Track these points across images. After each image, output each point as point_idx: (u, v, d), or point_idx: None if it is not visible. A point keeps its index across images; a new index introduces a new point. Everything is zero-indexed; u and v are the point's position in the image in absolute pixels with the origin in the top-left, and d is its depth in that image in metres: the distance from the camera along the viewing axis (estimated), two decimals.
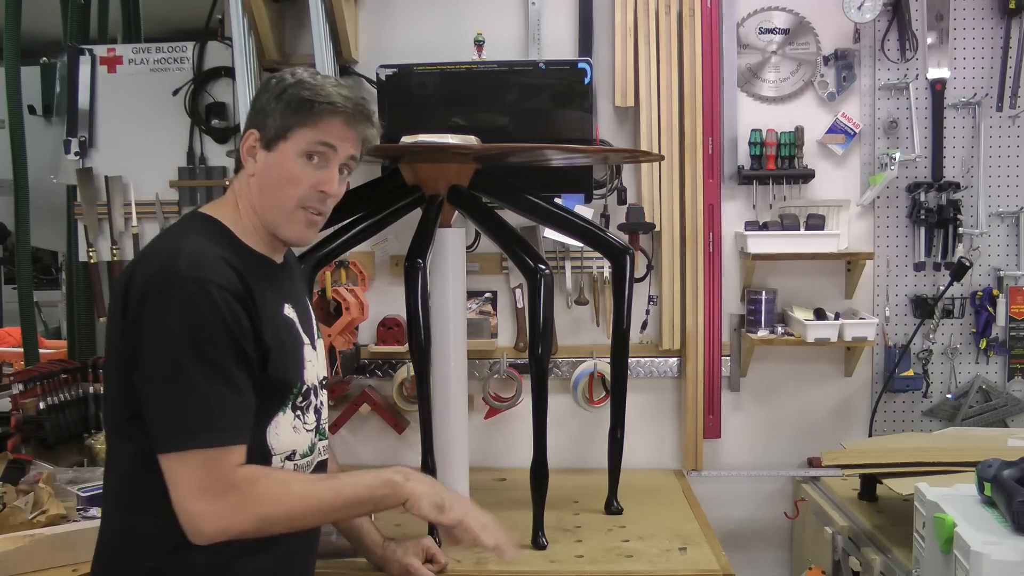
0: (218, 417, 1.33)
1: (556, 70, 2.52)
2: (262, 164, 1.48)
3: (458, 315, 2.26)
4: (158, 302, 1.33)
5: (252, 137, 1.48)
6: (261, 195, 1.48)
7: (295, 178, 1.46)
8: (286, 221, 1.49)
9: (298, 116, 1.45)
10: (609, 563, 1.96)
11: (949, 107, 2.66)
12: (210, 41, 2.72)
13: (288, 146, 1.46)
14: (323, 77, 1.50)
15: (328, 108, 1.45)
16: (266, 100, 1.47)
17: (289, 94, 1.45)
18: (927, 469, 2.05)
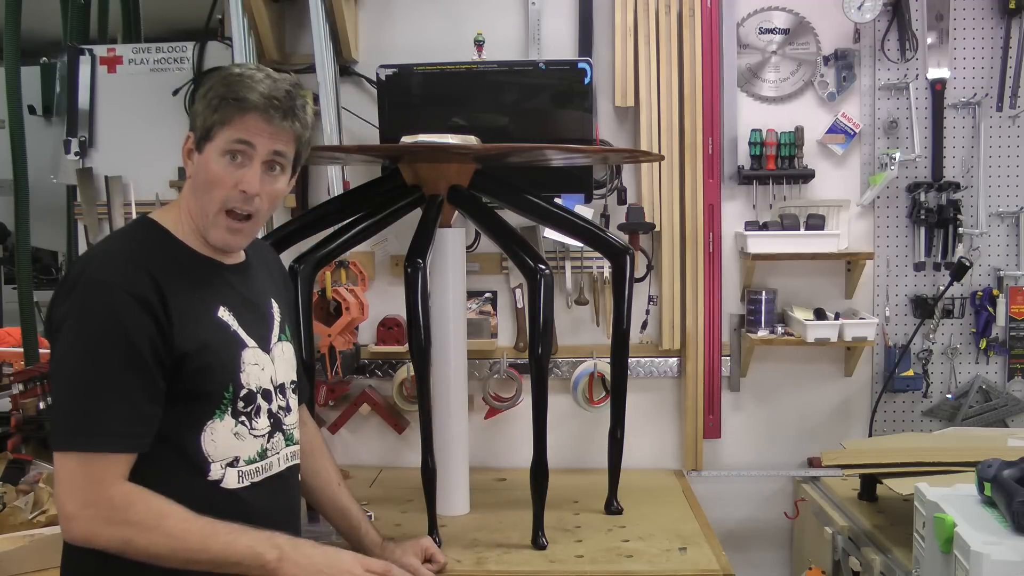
0: (101, 423, 1.32)
1: (556, 70, 2.52)
2: (196, 166, 1.45)
3: (458, 315, 2.26)
4: (65, 301, 1.36)
5: (189, 139, 1.46)
6: (193, 198, 1.46)
7: (218, 179, 1.43)
8: (211, 226, 1.46)
9: (217, 115, 1.42)
10: (609, 563, 1.96)
11: (949, 107, 2.66)
12: (210, 41, 2.72)
13: (212, 147, 1.42)
14: (249, 71, 1.45)
15: (240, 105, 1.41)
16: (196, 101, 1.46)
17: (211, 93, 1.43)
18: (927, 469, 2.05)
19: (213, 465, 1.44)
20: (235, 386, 1.47)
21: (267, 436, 1.53)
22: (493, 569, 1.94)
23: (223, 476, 1.45)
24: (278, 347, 1.58)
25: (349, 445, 2.77)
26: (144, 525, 1.34)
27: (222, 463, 1.45)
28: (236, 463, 1.47)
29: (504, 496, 2.42)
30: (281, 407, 1.57)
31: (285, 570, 1.41)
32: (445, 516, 2.21)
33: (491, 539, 2.09)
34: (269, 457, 1.53)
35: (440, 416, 2.19)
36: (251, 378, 1.50)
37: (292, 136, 1.47)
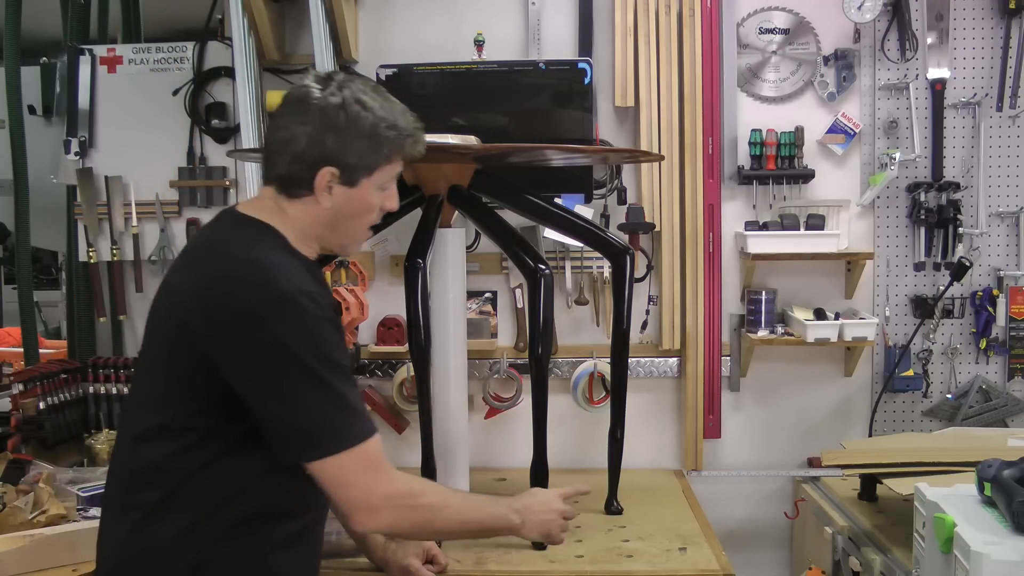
0: (358, 416, 1.41)
1: (556, 70, 2.52)
2: (342, 199, 1.48)
3: (458, 315, 2.26)
4: (275, 321, 1.35)
5: (329, 174, 1.46)
6: (335, 226, 1.51)
7: (372, 207, 1.52)
8: (355, 244, 1.58)
9: (386, 151, 1.49)
10: (609, 563, 1.96)
11: (949, 107, 2.66)
12: (210, 41, 2.72)
13: (371, 181, 1.49)
14: (389, 102, 1.51)
15: (411, 143, 1.51)
16: (348, 139, 1.45)
17: (377, 135, 1.47)
18: (927, 469, 2.05)
19: None
20: None
21: None
22: (493, 569, 1.94)
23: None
24: None
25: None
26: (435, 507, 1.51)
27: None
28: None
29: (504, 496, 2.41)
30: None
31: (527, 528, 1.70)
32: None
33: (491, 539, 2.09)
34: None
35: (440, 416, 2.19)
36: None
37: None
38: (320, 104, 1.45)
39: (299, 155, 1.46)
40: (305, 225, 1.50)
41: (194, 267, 1.44)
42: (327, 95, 1.46)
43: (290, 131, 1.46)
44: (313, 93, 1.46)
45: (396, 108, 1.51)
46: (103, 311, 2.77)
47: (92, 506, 2.14)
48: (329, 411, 1.37)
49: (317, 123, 1.45)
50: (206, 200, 2.72)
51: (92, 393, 2.64)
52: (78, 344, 2.83)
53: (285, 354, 1.35)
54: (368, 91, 1.50)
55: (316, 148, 1.45)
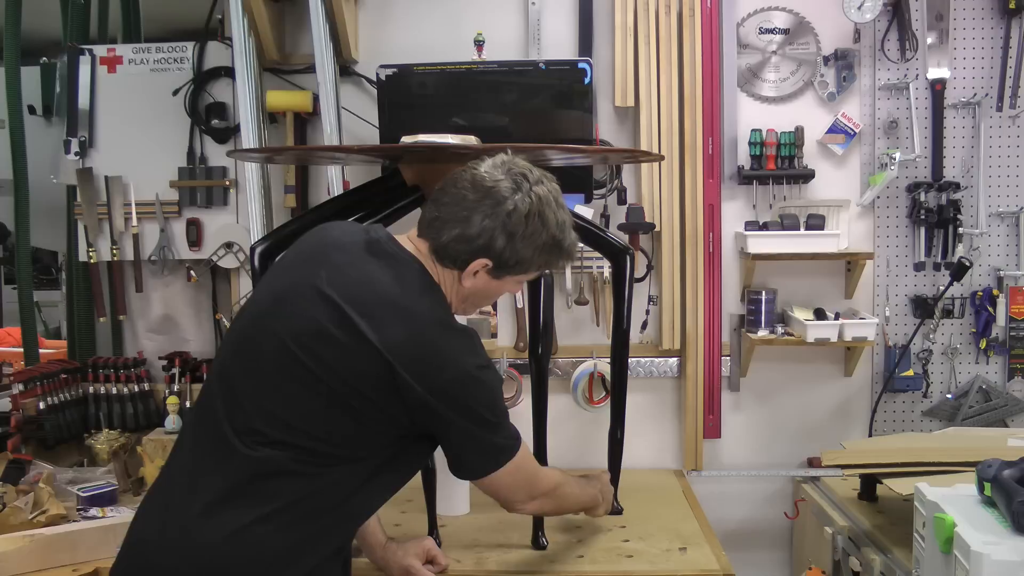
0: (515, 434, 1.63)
1: (556, 70, 2.52)
2: (483, 283, 1.58)
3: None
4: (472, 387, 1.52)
5: (483, 265, 1.54)
6: (465, 299, 1.61)
7: (502, 292, 1.66)
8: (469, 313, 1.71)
9: (538, 264, 1.59)
10: (609, 563, 1.96)
11: (949, 107, 2.66)
12: (210, 41, 2.72)
13: (515, 279, 1.61)
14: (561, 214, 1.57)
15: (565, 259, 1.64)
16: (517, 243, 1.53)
17: (547, 248, 1.56)
18: (927, 469, 2.05)
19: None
20: None
21: None
22: (493, 569, 1.94)
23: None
24: None
25: None
26: (566, 496, 1.81)
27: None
28: None
29: None
30: None
31: (603, 507, 1.97)
32: (445, 516, 2.21)
33: (491, 539, 2.09)
34: None
35: None
36: None
37: None
38: (507, 209, 1.51)
39: (466, 238, 1.52)
40: (447, 290, 1.59)
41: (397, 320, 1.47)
42: (519, 200, 1.52)
43: (470, 216, 1.52)
44: (506, 190, 1.52)
45: (566, 223, 1.58)
46: (103, 311, 2.77)
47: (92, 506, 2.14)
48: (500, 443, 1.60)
49: (498, 224, 1.51)
50: (206, 200, 2.72)
51: (92, 393, 2.65)
52: (78, 344, 2.83)
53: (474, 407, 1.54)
54: (551, 202, 1.56)
55: (484, 240, 1.52)
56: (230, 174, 2.73)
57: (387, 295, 1.48)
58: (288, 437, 1.44)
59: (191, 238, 2.72)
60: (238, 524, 1.41)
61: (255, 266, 2.17)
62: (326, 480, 1.46)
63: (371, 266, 1.51)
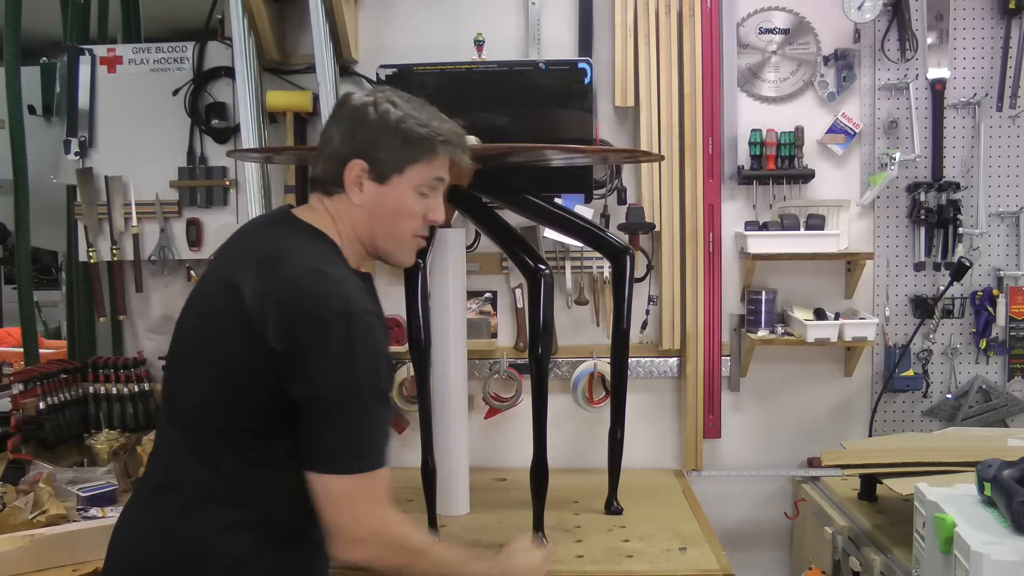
0: (377, 443, 1.41)
1: (556, 70, 2.52)
2: (373, 196, 1.50)
3: (458, 315, 2.26)
4: (340, 334, 1.37)
5: (359, 167, 1.49)
6: (372, 225, 1.52)
7: (410, 212, 1.52)
8: (400, 250, 1.56)
9: (413, 152, 1.50)
10: (609, 563, 1.96)
11: (949, 107, 2.66)
12: (210, 41, 2.72)
13: (402, 181, 1.50)
14: (424, 108, 1.54)
15: (444, 145, 1.53)
16: (375, 133, 1.48)
17: (404, 130, 1.49)
18: (927, 469, 2.05)
19: None
20: None
21: None
22: None
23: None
24: None
25: None
26: (418, 552, 1.45)
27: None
28: None
29: (504, 496, 2.42)
30: None
31: None
32: (445, 516, 2.21)
33: (491, 539, 2.09)
34: None
35: (440, 416, 2.19)
36: None
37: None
38: (354, 104, 1.51)
39: (333, 153, 1.50)
40: (346, 226, 1.52)
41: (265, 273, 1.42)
42: (362, 97, 1.52)
43: (328, 133, 1.52)
44: (351, 98, 1.53)
45: (432, 112, 1.54)
46: (103, 311, 2.77)
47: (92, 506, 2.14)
48: (362, 433, 1.39)
49: (348, 121, 1.50)
50: (206, 200, 2.72)
51: (92, 393, 2.65)
52: (78, 344, 2.83)
53: (342, 367, 1.37)
54: (405, 97, 1.53)
55: (347, 144, 1.49)
56: (230, 174, 2.73)
57: (264, 253, 1.47)
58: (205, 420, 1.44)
59: (191, 238, 2.72)
60: (169, 511, 1.43)
61: None
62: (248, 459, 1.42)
63: (259, 234, 1.55)
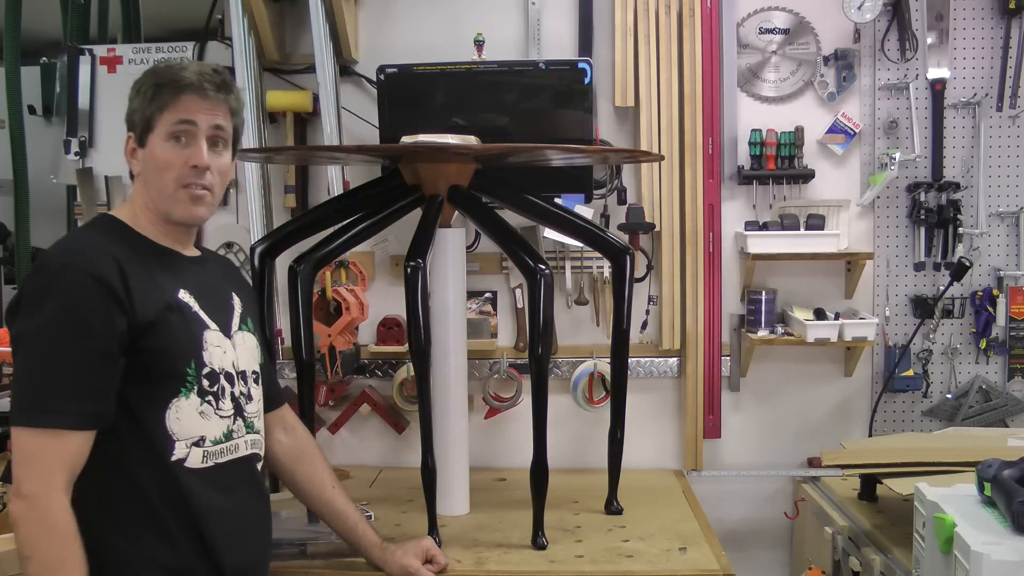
0: (53, 401, 1.36)
1: (556, 70, 2.52)
2: (141, 161, 1.54)
3: (458, 315, 2.26)
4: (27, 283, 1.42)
5: (130, 140, 1.55)
6: (147, 189, 1.54)
7: (167, 162, 1.51)
8: (172, 204, 1.53)
9: (154, 103, 1.51)
10: (609, 563, 1.96)
11: (949, 107, 2.66)
12: (210, 41, 2.72)
13: (155, 136, 1.52)
14: (175, 62, 1.55)
15: (176, 85, 1.50)
16: (130, 101, 1.55)
17: (143, 87, 1.53)
18: (927, 469, 2.05)
19: (178, 444, 1.47)
20: (198, 363, 1.50)
21: (232, 418, 1.56)
22: (493, 569, 1.94)
23: (187, 455, 1.47)
24: (239, 335, 1.62)
25: (349, 445, 2.77)
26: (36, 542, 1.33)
27: (187, 442, 1.48)
28: (202, 443, 1.50)
29: (504, 496, 2.42)
30: (243, 393, 1.60)
31: None
32: (445, 516, 2.21)
33: (491, 539, 2.09)
34: (235, 439, 1.56)
35: (440, 416, 2.19)
36: (214, 358, 1.54)
37: (228, 110, 1.56)
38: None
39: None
40: (140, 203, 1.55)
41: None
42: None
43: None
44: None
45: (175, 64, 1.54)
46: None
47: None
48: (28, 383, 1.38)
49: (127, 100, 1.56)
50: None
51: None
52: None
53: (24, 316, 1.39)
54: (169, 61, 1.59)
55: (125, 121, 1.57)
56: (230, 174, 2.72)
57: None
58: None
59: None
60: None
61: (255, 266, 2.17)
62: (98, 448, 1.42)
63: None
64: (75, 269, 1.39)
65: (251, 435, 1.61)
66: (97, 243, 1.47)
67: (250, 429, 1.60)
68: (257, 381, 1.65)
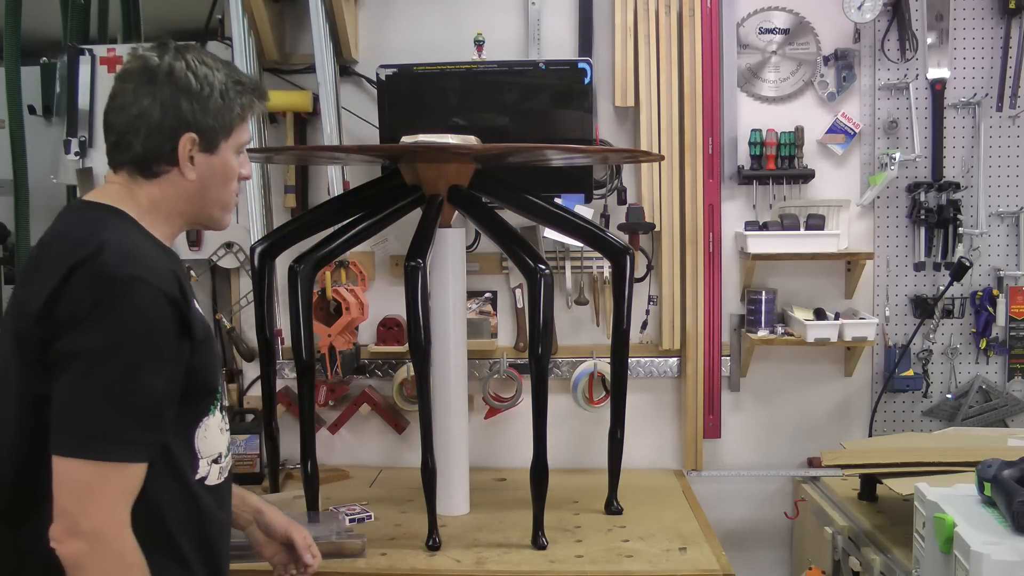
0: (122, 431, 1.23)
1: (556, 70, 2.52)
2: (205, 167, 1.39)
3: (458, 315, 2.26)
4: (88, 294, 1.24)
5: (190, 141, 1.36)
6: (204, 197, 1.42)
7: (234, 173, 1.44)
8: (226, 215, 1.47)
9: (237, 111, 1.41)
10: (609, 563, 1.96)
11: (949, 107, 2.66)
12: (210, 41, 2.71)
13: (229, 144, 1.42)
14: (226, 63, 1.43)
15: (260, 97, 1.45)
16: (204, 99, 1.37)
17: (227, 89, 1.39)
18: (927, 469, 2.05)
19: (201, 462, 1.39)
20: (218, 379, 1.45)
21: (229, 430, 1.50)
22: (493, 569, 1.94)
23: (208, 473, 1.40)
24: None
25: (349, 445, 2.77)
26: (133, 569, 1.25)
27: (209, 459, 1.40)
28: (220, 459, 1.43)
29: (504, 496, 2.42)
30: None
31: None
32: (445, 516, 2.21)
33: (491, 539, 2.09)
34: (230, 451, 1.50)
35: (440, 416, 2.19)
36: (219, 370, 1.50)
37: None
38: (167, 70, 1.35)
39: (155, 127, 1.35)
40: (168, 203, 1.40)
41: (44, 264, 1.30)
42: (171, 60, 1.36)
43: (140, 105, 1.35)
44: (153, 60, 1.36)
45: (232, 66, 1.45)
46: None
47: None
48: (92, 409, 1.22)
49: (168, 89, 1.35)
50: None
51: None
52: None
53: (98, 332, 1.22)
54: (206, 55, 1.41)
55: (172, 116, 1.35)
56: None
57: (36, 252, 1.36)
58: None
59: (191, 238, 2.72)
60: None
61: (255, 266, 2.17)
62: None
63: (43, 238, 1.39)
64: (147, 285, 1.25)
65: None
66: (155, 254, 1.33)
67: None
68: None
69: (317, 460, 2.19)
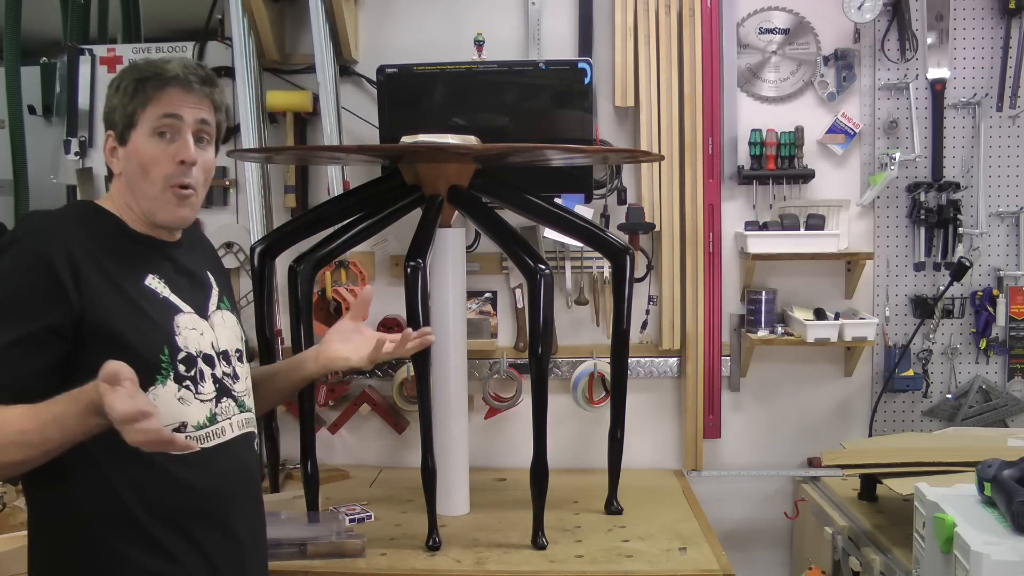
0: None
1: (556, 70, 2.52)
2: (123, 160, 1.49)
3: (458, 315, 2.26)
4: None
5: (109, 139, 1.49)
6: (131, 189, 1.49)
7: (154, 159, 1.46)
8: (157, 207, 1.49)
9: (136, 99, 1.46)
10: (609, 563, 1.96)
11: (949, 107, 2.66)
12: (210, 41, 2.72)
13: (138, 132, 1.46)
14: (155, 56, 1.52)
15: (160, 79, 1.46)
16: (108, 99, 1.50)
17: (124, 83, 1.47)
18: (927, 469, 2.05)
19: None
20: (171, 349, 1.45)
21: (215, 400, 1.50)
22: (493, 569, 1.94)
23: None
24: (217, 315, 1.58)
25: (349, 445, 2.77)
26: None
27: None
28: (183, 428, 1.44)
29: (504, 496, 2.42)
30: (227, 373, 1.55)
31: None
32: (445, 516, 2.21)
33: (491, 539, 2.09)
34: (220, 422, 1.50)
35: (440, 416, 2.19)
36: (189, 341, 1.49)
37: (212, 104, 1.51)
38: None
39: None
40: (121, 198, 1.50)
41: None
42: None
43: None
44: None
45: (156, 58, 1.51)
46: None
47: None
48: None
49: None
50: (206, 200, 2.66)
51: None
52: None
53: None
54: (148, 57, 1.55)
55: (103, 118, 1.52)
56: (230, 174, 2.73)
57: None
58: None
59: None
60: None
61: (255, 266, 2.17)
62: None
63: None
64: (21, 245, 1.38)
65: (243, 414, 1.56)
66: (59, 224, 1.44)
67: (241, 408, 1.56)
68: (242, 359, 1.61)
69: (317, 460, 2.19)
